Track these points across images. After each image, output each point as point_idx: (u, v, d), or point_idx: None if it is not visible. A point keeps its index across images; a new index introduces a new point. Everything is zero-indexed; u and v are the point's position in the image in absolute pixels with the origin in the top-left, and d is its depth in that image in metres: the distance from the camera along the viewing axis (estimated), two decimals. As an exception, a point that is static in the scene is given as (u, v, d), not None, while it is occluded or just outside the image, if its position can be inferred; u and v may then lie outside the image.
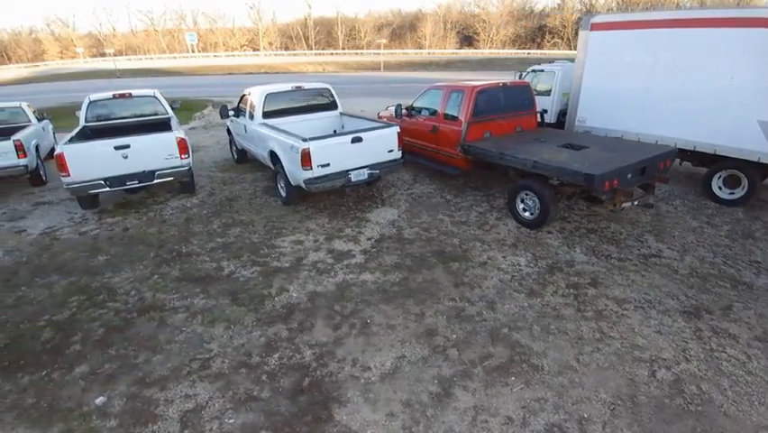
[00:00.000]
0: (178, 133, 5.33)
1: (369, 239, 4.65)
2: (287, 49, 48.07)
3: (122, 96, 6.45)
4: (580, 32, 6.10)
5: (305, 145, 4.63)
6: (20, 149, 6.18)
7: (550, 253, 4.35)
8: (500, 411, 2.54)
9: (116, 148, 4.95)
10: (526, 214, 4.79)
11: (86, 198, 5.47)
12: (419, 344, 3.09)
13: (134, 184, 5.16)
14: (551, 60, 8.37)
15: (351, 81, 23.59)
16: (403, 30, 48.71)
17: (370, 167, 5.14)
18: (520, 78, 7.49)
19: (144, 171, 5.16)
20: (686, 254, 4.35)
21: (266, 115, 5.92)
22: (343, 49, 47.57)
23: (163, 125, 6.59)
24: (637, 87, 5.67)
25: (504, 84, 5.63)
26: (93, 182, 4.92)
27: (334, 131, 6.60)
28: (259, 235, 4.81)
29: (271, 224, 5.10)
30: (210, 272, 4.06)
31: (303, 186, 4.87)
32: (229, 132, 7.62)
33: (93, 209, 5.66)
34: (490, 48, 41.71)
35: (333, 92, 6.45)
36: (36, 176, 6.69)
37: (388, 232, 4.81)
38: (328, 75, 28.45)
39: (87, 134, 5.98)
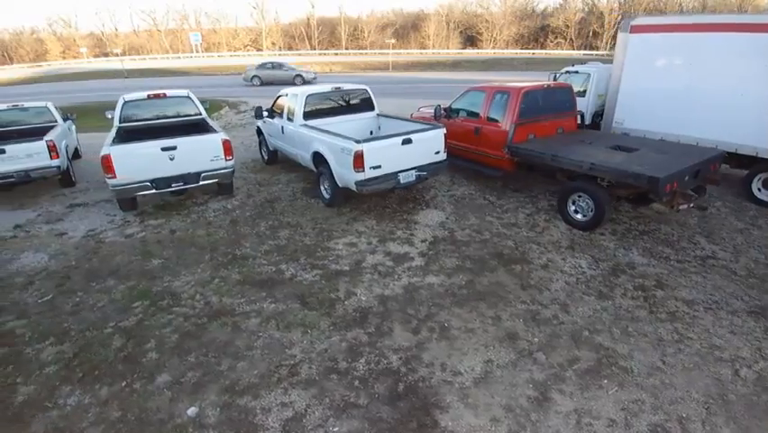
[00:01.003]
0: (222, 134, 5.27)
1: (423, 241, 4.63)
2: (290, 48, 47.89)
3: (156, 96, 6.35)
4: (620, 35, 6.12)
5: (358, 147, 4.59)
6: (53, 149, 6.07)
7: (608, 255, 4.36)
8: (602, 414, 2.54)
9: (163, 149, 4.88)
10: (578, 216, 4.79)
11: (127, 200, 5.39)
12: (503, 348, 3.07)
13: (179, 186, 5.10)
14: (582, 62, 8.40)
15: (361, 82, 23.49)
16: (405, 30, 48.72)
17: (418, 168, 5.11)
18: (554, 79, 7.52)
19: (190, 173, 5.09)
20: (739, 256, 4.38)
21: (306, 116, 5.89)
22: (347, 49, 47.50)
23: (199, 126, 6.52)
24: (678, 89, 5.71)
25: (548, 86, 5.65)
26: (139, 184, 4.84)
27: (371, 132, 6.58)
28: (310, 238, 4.76)
29: (320, 226, 5.06)
30: (271, 276, 4.01)
31: (353, 188, 4.83)
32: (259, 133, 7.55)
33: (132, 211, 5.59)
34: (493, 48, 41.88)
35: (371, 93, 6.42)
36: (66, 177, 6.58)
37: (440, 234, 4.79)
38: (337, 75, 28.23)
39: (123, 136, 5.90)
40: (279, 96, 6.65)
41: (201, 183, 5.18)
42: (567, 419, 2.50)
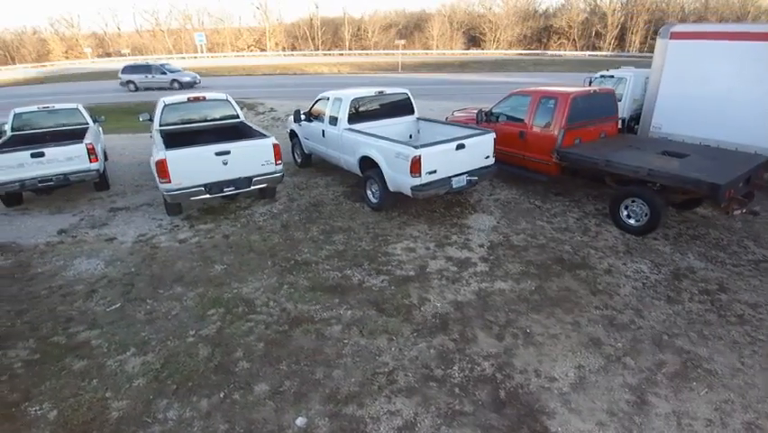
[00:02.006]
0: (273, 138, 5.24)
1: (480, 246, 4.66)
2: (294, 49, 47.78)
3: (196, 99, 6.29)
4: (659, 41, 6.21)
5: (416, 152, 4.60)
6: (92, 152, 5.98)
7: (666, 259, 4.42)
8: (698, 415, 2.61)
9: (217, 154, 4.85)
10: (631, 221, 4.85)
11: (175, 204, 5.34)
12: (590, 353, 3.11)
13: (231, 191, 5.06)
14: (617, 66, 8.49)
15: (373, 83, 23.42)
16: (408, 30, 48.77)
17: (469, 173, 5.16)
18: (590, 83, 7.61)
19: (241, 178, 5.06)
20: (791, 259, 4.49)
21: (350, 119, 5.89)
22: (350, 49, 47.51)
23: (239, 129, 6.49)
24: (718, 95, 5.80)
25: (594, 91, 5.72)
26: (193, 189, 4.80)
27: (410, 136, 6.60)
28: (366, 243, 4.76)
29: (373, 231, 5.06)
30: (339, 282, 4.00)
31: (408, 193, 4.84)
32: (293, 135, 7.52)
33: (178, 215, 5.54)
34: (497, 48, 42.18)
35: (411, 97, 6.44)
36: (102, 180, 6.49)
37: (496, 239, 4.82)
38: (346, 76, 28.12)
39: (168, 139, 5.80)
40: (319, 100, 6.63)
41: (252, 188, 5.15)
42: (668, 421, 2.57)
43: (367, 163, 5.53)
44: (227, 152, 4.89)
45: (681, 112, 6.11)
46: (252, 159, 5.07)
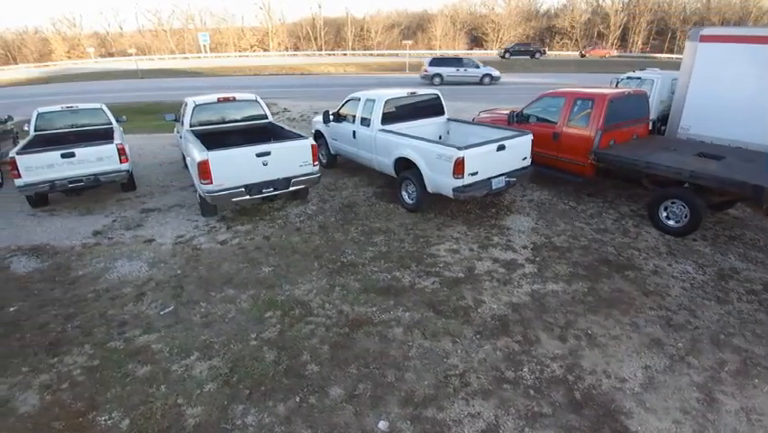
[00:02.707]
0: (311, 139, 5.20)
1: (524, 248, 4.66)
2: (297, 49, 47.59)
3: (226, 99, 6.24)
4: (688, 43, 6.26)
5: (459, 153, 4.60)
6: (122, 153, 5.92)
7: (708, 260, 4.45)
8: (765, 411, 2.65)
9: (258, 155, 4.81)
10: (670, 222, 4.88)
11: (210, 205, 5.29)
12: (654, 354, 3.12)
13: (270, 192, 5.02)
14: (642, 68, 8.55)
15: (383, 83, 23.25)
16: (411, 30, 48.73)
17: (507, 174, 5.17)
18: (616, 85, 7.66)
19: (280, 179, 5.03)
20: (828, 260, 4.56)
21: (383, 120, 5.87)
22: (353, 49, 47.40)
23: (268, 130, 6.45)
24: (747, 97, 5.83)
25: (628, 93, 5.75)
26: (234, 190, 4.75)
27: (440, 137, 6.59)
28: (409, 244, 4.74)
29: (412, 232, 5.04)
30: (390, 283, 3.99)
31: (449, 194, 4.82)
32: (318, 136, 7.46)
33: (213, 217, 5.48)
34: (500, 48, 42.35)
35: (442, 97, 6.44)
36: (130, 181, 6.42)
37: (538, 240, 4.83)
38: (354, 76, 27.91)
39: (204, 141, 5.64)
40: (348, 101, 6.62)
41: (290, 189, 5.11)
42: (738, 417, 2.62)
43: (402, 164, 5.54)
44: (267, 153, 4.85)
45: (710, 113, 6.16)
46: (291, 160, 5.04)
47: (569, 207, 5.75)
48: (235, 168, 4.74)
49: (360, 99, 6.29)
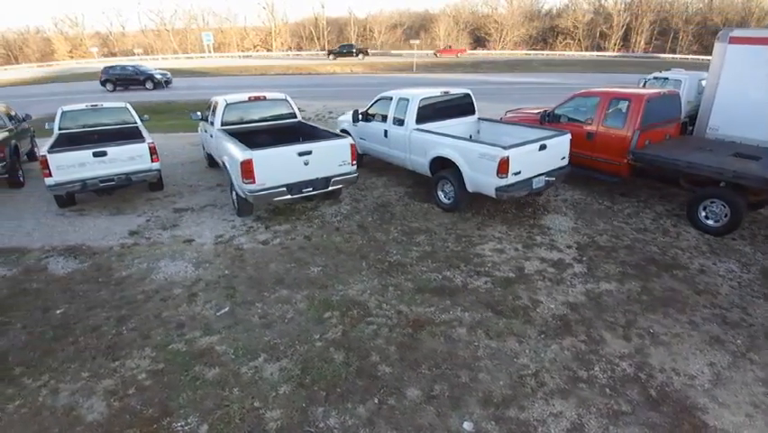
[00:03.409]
0: (351, 138, 5.17)
1: (568, 247, 4.66)
2: (300, 49, 47.47)
3: (257, 98, 6.19)
4: (717, 44, 6.31)
5: (504, 153, 4.59)
6: (154, 152, 5.85)
7: (750, 259, 4.47)
8: None
9: (299, 154, 4.77)
10: (710, 222, 4.90)
11: (247, 205, 5.24)
12: (716, 351, 3.14)
13: (310, 191, 4.98)
14: (668, 68, 8.60)
15: (391, 83, 23.16)
16: (413, 30, 48.69)
17: (547, 174, 5.18)
18: (644, 85, 7.70)
19: (319, 178, 4.99)
20: None
21: (417, 120, 5.86)
22: None
23: (297, 129, 6.41)
24: (777, 98, 5.95)
25: (663, 93, 5.78)
26: (276, 189, 4.71)
27: (470, 136, 6.58)
28: (452, 244, 4.73)
29: (453, 232, 5.03)
30: (442, 283, 3.97)
31: (491, 193, 4.81)
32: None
33: (249, 216, 5.42)
34: (502, 48, 42.49)
35: (473, 97, 6.43)
36: (159, 180, 6.34)
37: (581, 240, 4.83)
38: (362, 76, 27.79)
39: (241, 139, 5.53)
40: (378, 100, 6.59)
41: (330, 188, 5.08)
42: None
43: (439, 164, 5.54)
44: (309, 153, 4.81)
45: (739, 114, 6.21)
46: (331, 159, 5.00)
47: (604, 206, 5.77)
48: (277, 167, 4.70)
49: (391, 99, 6.27)
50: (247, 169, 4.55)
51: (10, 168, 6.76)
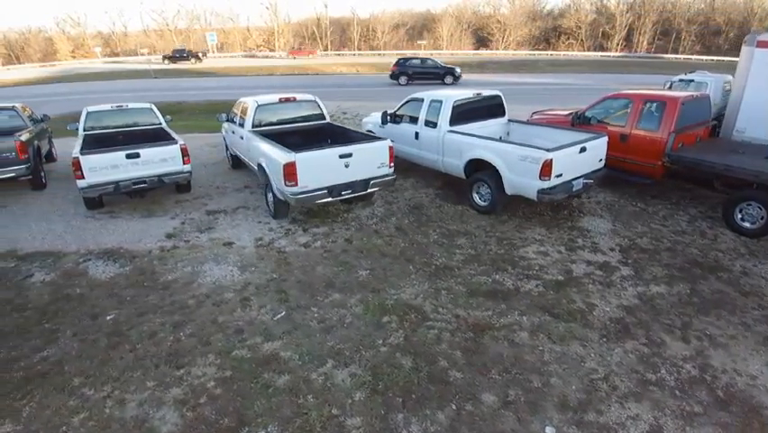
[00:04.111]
0: (389, 140, 5.15)
1: (611, 250, 4.68)
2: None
3: (287, 99, 6.15)
4: (744, 48, 6.36)
5: (548, 155, 4.60)
6: (185, 153, 5.79)
7: (792, 260, 4.58)
8: None
9: (340, 156, 4.75)
10: (746, 224, 4.94)
11: (284, 208, 5.21)
12: (774, 352, 3.21)
13: (349, 194, 4.97)
14: (692, 70, 8.65)
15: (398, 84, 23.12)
16: (416, 30, 48.56)
17: (585, 176, 5.20)
18: (670, 87, 7.76)
19: (358, 180, 4.97)
20: None
21: (452, 122, 5.85)
22: (359, 49, 47.14)
23: (326, 130, 6.40)
24: (805, 100, 6.01)
25: (695, 96, 5.83)
26: (318, 192, 4.69)
27: (500, 138, 6.59)
28: (495, 246, 4.74)
29: (492, 234, 5.03)
30: (494, 287, 3.97)
31: (532, 196, 4.82)
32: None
33: (284, 219, 5.39)
34: (505, 49, 42.55)
35: (503, 99, 6.44)
36: (188, 182, 6.28)
37: (622, 242, 4.85)
38: (369, 76, 27.62)
39: (278, 141, 5.51)
40: (408, 102, 6.57)
41: (369, 191, 5.07)
42: None
43: (476, 166, 5.54)
44: (350, 155, 4.80)
45: (766, 116, 6.30)
46: (370, 161, 4.98)
47: (638, 208, 5.80)
48: (319, 169, 4.68)
49: (423, 100, 6.26)
50: (290, 171, 4.52)
51: (33, 169, 6.69)
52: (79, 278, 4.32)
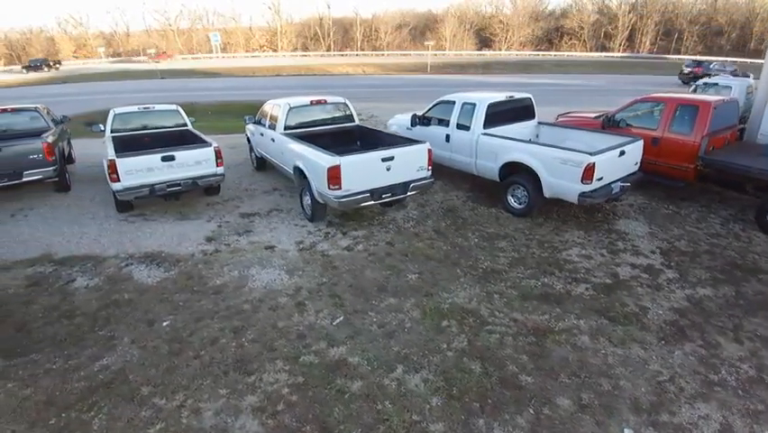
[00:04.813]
0: (428, 143, 5.16)
1: (652, 252, 4.75)
2: (306, 49, 47.26)
3: (318, 102, 6.14)
4: (769, 51, 6.51)
5: (591, 159, 4.65)
6: (219, 156, 5.77)
7: (828, 263, 4.67)
8: None
9: (383, 160, 4.75)
10: (780, 226, 5.09)
11: (321, 211, 5.22)
12: (829, 355, 3.29)
13: (389, 197, 4.98)
14: (715, 73, 8.74)
15: (405, 84, 22.95)
16: (418, 30, 48.42)
17: (622, 180, 5.26)
18: (694, 91, 7.84)
19: (398, 183, 4.98)
20: None
21: (485, 124, 5.87)
22: (362, 50, 47.06)
23: (355, 133, 6.41)
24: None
25: (725, 100, 5.91)
26: (361, 195, 4.70)
27: (529, 140, 6.63)
28: (537, 249, 4.78)
29: (532, 237, 5.08)
30: (544, 290, 4.02)
31: (572, 199, 4.87)
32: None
33: (321, 221, 5.39)
34: (508, 49, 42.62)
35: (533, 102, 6.47)
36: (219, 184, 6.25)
37: (662, 245, 4.91)
38: (377, 77, 27.65)
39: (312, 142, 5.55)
40: (438, 104, 6.59)
41: (408, 194, 5.08)
42: None
43: (511, 169, 5.57)
44: (391, 158, 4.81)
45: (791, 120, 6.43)
46: (411, 164, 5.00)
47: (671, 211, 5.88)
48: (362, 173, 4.69)
49: (454, 103, 6.28)
50: (334, 174, 4.53)
51: (59, 171, 6.62)
52: (125, 283, 4.30)
